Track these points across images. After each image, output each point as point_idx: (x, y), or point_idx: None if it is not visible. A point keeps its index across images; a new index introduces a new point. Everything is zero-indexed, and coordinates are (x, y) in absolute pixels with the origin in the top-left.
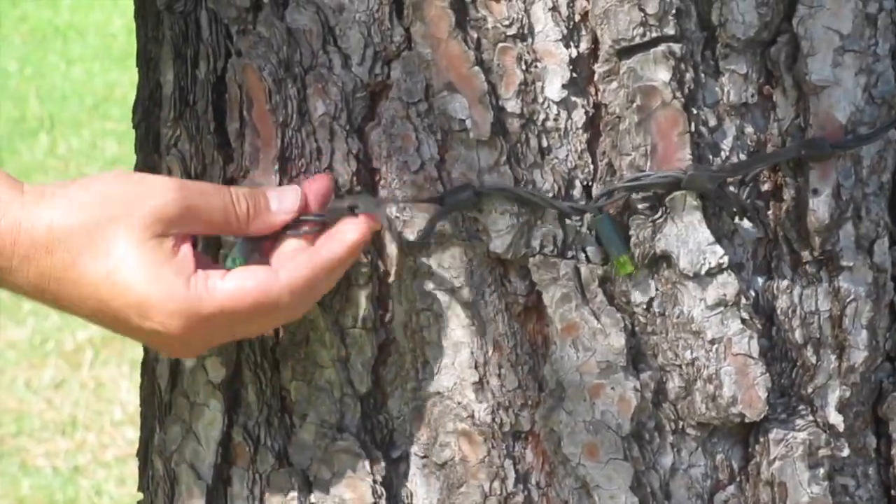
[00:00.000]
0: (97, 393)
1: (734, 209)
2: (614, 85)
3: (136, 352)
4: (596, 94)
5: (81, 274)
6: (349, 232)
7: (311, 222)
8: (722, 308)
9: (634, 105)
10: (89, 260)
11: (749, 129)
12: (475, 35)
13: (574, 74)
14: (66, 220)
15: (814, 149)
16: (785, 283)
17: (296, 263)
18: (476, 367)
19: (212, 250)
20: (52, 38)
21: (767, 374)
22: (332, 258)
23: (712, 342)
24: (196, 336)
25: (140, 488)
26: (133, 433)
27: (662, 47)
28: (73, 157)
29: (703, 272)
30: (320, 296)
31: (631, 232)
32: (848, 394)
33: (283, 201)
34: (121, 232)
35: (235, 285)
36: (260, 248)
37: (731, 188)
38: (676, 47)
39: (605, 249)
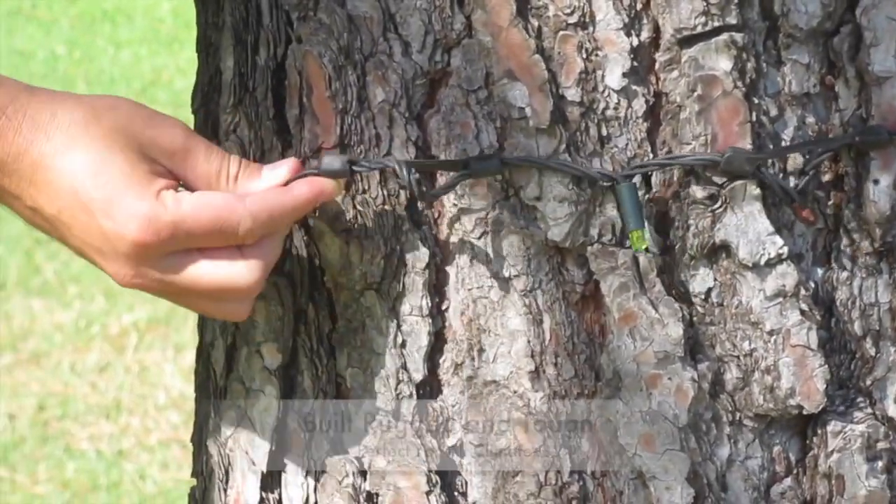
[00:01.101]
0: (141, 377)
1: (788, 197)
2: (675, 74)
3: (181, 336)
4: (656, 82)
5: (68, 161)
6: (320, 182)
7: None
8: (781, 299)
9: (695, 94)
10: (79, 150)
11: (810, 120)
12: (536, 23)
13: (635, 63)
14: (69, 112)
15: (870, 135)
16: (845, 274)
17: (263, 194)
18: (532, 356)
19: None
20: (100, 21)
21: (826, 366)
22: (298, 197)
23: (771, 333)
24: (150, 249)
25: (193, 474)
26: (177, 417)
27: (724, 36)
28: None
29: (762, 262)
30: (278, 236)
31: (690, 221)
32: None
33: (275, 169)
34: (117, 136)
35: (201, 197)
36: None
37: (792, 179)
38: (738, 37)
39: (623, 220)
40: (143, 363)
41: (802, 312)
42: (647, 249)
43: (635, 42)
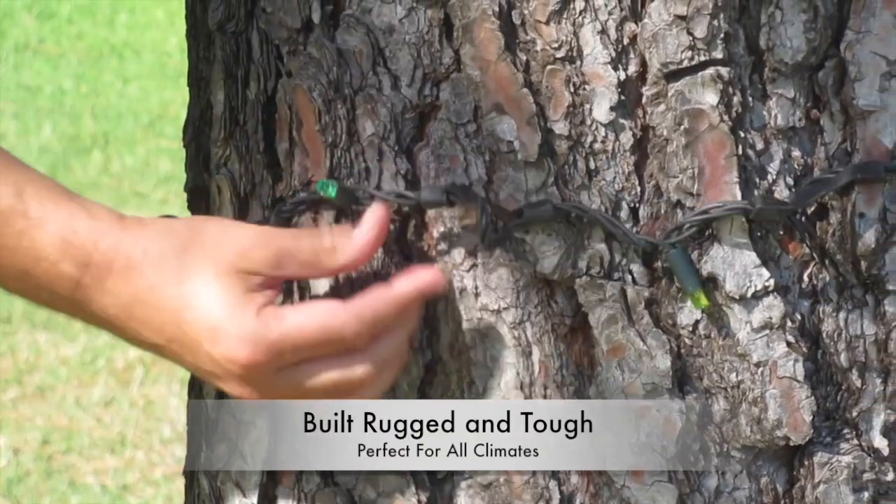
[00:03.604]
0: (147, 411)
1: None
2: (662, 108)
3: (186, 370)
4: (644, 116)
5: (165, 297)
6: (423, 275)
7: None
8: (768, 331)
9: (682, 128)
10: (174, 284)
11: (796, 153)
12: (524, 57)
13: (622, 97)
14: (159, 245)
15: (867, 172)
16: (831, 306)
17: (364, 296)
18: (522, 388)
19: None
20: (107, 56)
21: (812, 398)
22: (400, 293)
23: (758, 365)
24: (262, 368)
25: None
26: (182, 451)
27: (710, 71)
28: (126, 174)
29: (749, 295)
30: (397, 336)
31: None
32: (893, 418)
33: (364, 222)
34: (208, 262)
35: (302, 309)
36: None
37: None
38: (724, 71)
39: (680, 284)
40: (149, 397)
41: (789, 344)
42: (706, 308)
43: (622, 76)
